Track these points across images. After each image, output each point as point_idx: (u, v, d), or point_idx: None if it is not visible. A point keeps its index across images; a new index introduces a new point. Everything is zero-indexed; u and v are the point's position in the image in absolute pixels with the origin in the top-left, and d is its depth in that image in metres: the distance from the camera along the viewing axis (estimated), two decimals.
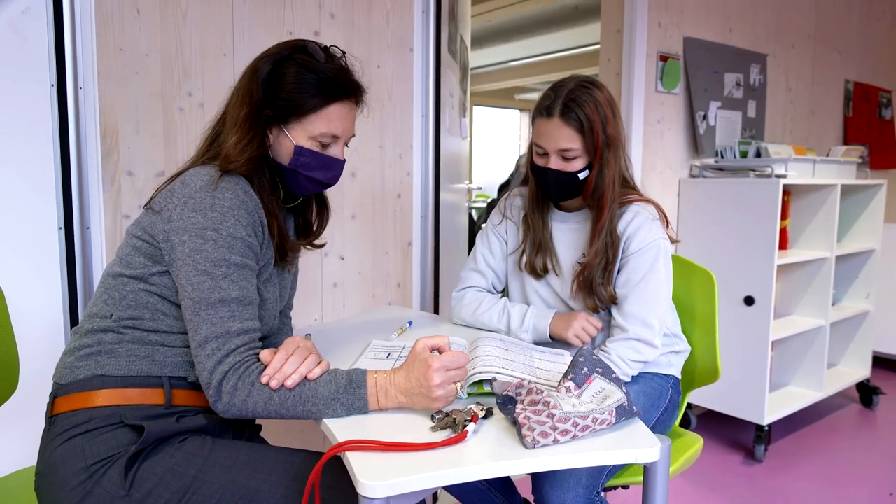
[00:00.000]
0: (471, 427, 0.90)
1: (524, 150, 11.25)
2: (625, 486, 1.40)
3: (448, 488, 1.47)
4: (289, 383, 0.96)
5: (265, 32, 1.70)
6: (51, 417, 1.00)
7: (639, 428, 0.95)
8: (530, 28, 6.64)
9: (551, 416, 0.88)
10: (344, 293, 1.92)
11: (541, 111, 1.38)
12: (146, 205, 1.11)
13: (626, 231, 1.39)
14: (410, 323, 1.52)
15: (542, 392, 0.91)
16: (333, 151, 1.16)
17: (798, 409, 2.84)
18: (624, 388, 0.96)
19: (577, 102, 1.33)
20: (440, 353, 0.99)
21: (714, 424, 2.93)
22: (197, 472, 0.95)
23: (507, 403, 0.94)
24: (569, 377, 0.97)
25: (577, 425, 0.89)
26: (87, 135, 1.47)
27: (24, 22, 1.39)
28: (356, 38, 1.86)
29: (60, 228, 1.46)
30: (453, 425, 0.92)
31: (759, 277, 2.58)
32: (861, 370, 3.25)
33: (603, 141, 1.35)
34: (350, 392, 0.97)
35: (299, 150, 1.12)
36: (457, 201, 2.50)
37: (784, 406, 2.74)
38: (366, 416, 0.98)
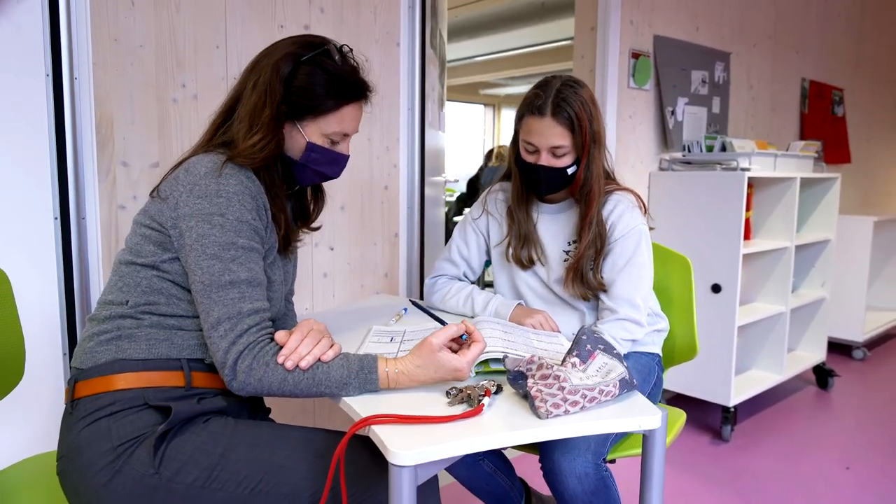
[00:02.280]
0: (486, 401, 0.96)
1: (490, 144, 11.29)
2: (611, 461, 1.47)
3: (455, 475, 1.53)
4: (303, 364, 1.00)
5: (257, 25, 1.72)
6: (73, 401, 1.02)
7: (639, 399, 1.02)
8: (496, 24, 6.71)
9: (562, 388, 0.94)
10: (333, 283, 1.96)
11: (531, 110, 1.43)
12: (152, 193, 1.13)
13: (609, 219, 1.47)
14: (406, 310, 1.57)
15: (552, 367, 0.97)
16: (341, 147, 1.20)
17: (760, 392, 2.98)
18: (624, 363, 1.03)
19: (566, 101, 1.40)
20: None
21: (683, 407, 3.05)
22: (223, 450, 0.99)
23: (518, 378, 1.00)
24: (574, 354, 1.03)
25: (586, 397, 0.95)
26: (82, 125, 1.47)
27: (19, 12, 1.39)
28: (345, 32, 1.89)
29: (56, 219, 1.47)
30: (468, 400, 0.98)
31: (725, 266, 2.70)
32: (817, 354, 3.43)
33: (590, 137, 1.41)
34: (362, 377, 1.02)
35: (311, 147, 1.16)
36: (435, 195, 2.55)
37: (748, 388, 2.88)
38: (383, 395, 1.02)
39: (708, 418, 2.92)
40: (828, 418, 2.99)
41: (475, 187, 5.67)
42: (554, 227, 1.55)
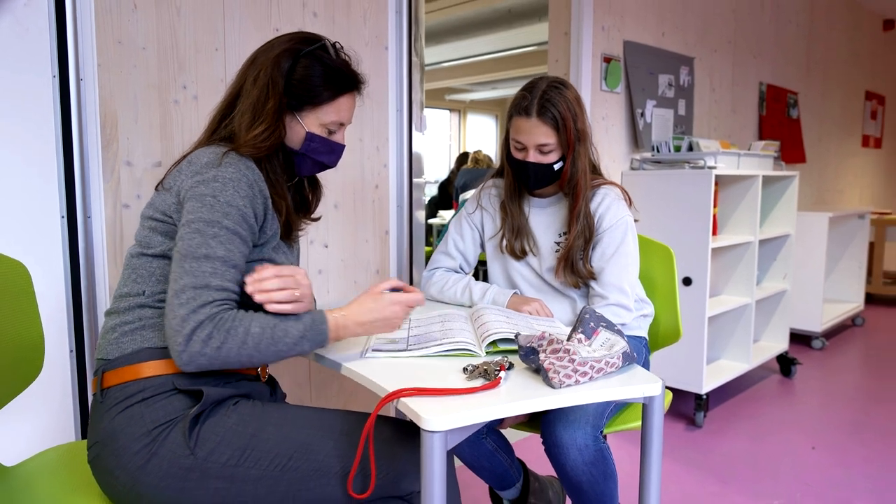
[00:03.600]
0: (502, 374, 1.04)
1: (457, 150, 11.36)
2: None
3: (459, 454, 1.59)
4: (258, 298, 1.04)
5: (254, 29, 1.77)
6: (103, 391, 1.06)
7: (639, 371, 1.11)
8: (464, 30, 6.81)
9: (572, 360, 1.03)
10: (328, 279, 2.01)
11: (519, 111, 1.52)
12: (157, 186, 1.18)
13: (598, 211, 1.56)
14: None
15: (562, 342, 1.05)
16: (337, 137, 1.26)
17: (729, 380, 3.13)
18: (625, 338, 1.12)
19: (551, 102, 1.49)
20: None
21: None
22: (254, 430, 1.04)
23: (530, 354, 1.08)
24: (579, 331, 1.12)
25: (594, 367, 1.04)
26: (87, 125, 1.50)
27: (27, 14, 1.42)
28: (336, 35, 1.95)
29: (63, 217, 1.49)
30: (485, 375, 1.05)
31: (695, 260, 2.84)
32: (781, 344, 3.60)
33: (574, 135, 1.51)
34: (314, 329, 1.07)
35: (310, 137, 1.22)
36: (418, 196, 2.62)
37: (718, 377, 3.02)
38: (405, 374, 1.09)
39: (682, 406, 3.05)
40: (792, 403, 3.15)
41: (447, 191, 5.75)
42: (545, 219, 1.63)
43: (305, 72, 1.18)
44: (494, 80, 9.05)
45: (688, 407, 3.03)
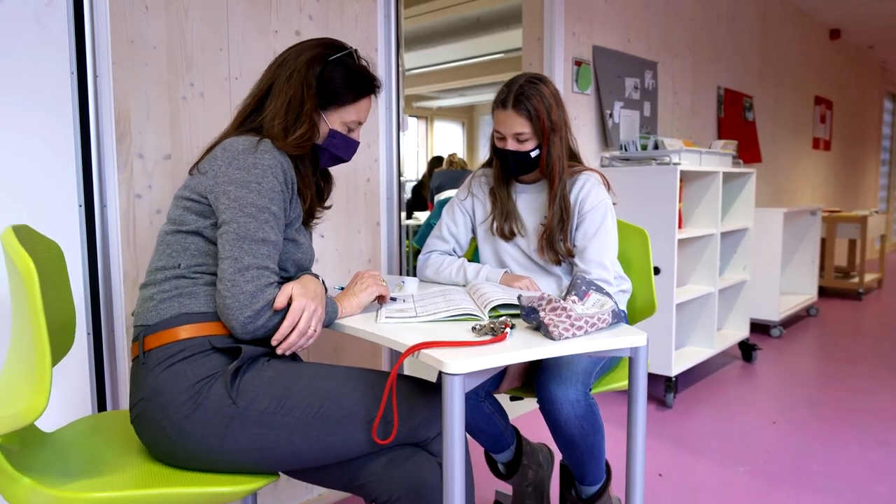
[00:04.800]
0: (508, 330, 1.17)
1: (425, 156, 11.51)
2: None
3: None
4: (282, 348, 1.20)
5: (255, 30, 1.88)
6: (145, 353, 1.16)
7: (626, 327, 1.26)
8: (432, 38, 6.98)
9: (569, 316, 1.17)
10: (324, 268, 2.12)
11: (497, 104, 1.68)
12: (191, 170, 1.29)
13: (580, 195, 1.71)
14: (404, 281, 1.76)
15: (559, 301, 1.19)
16: (355, 135, 1.40)
17: (696, 364, 3.32)
18: (613, 299, 1.26)
19: (525, 95, 1.64)
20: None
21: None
22: (288, 382, 1.15)
23: (531, 313, 1.22)
24: (572, 294, 1.26)
25: (588, 322, 1.18)
26: (103, 120, 1.59)
27: (47, 14, 1.51)
28: (330, 36, 2.06)
29: (81, 206, 1.58)
30: (492, 331, 1.18)
31: (663, 251, 3.02)
32: (742, 331, 3.82)
33: (548, 126, 1.66)
34: (330, 308, 1.28)
35: (333, 133, 1.35)
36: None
37: (685, 361, 3.20)
38: (421, 331, 1.21)
39: (653, 390, 3.22)
40: (754, 385, 3.36)
41: (420, 194, 5.89)
42: (531, 203, 1.78)
43: (333, 76, 1.32)
44: (462, 87, 9.24)
45: (658, 390, 3.21)
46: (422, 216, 5.44)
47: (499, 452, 1.76)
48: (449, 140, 11.72)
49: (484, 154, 10.05)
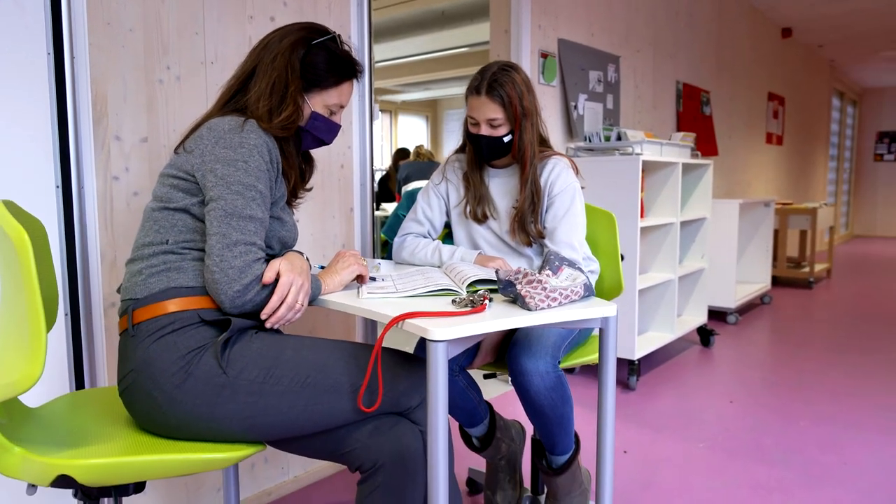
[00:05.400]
0: (487, 302, 1.23)
1: (389, 149, 11.49)
2: (570, 371, 1.78)
3: None
4: (272, 321, 1.24)
5: (230, 15, 1.89)
6: (134, 326, 1.18)
7: (596, 300, 1.33)
8: (397, 31, 6.99)
9: (544, 288, 1.23)
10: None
11: (472, 90, 1.74)
12: (176, 149, 1.31)
13: (549, 178, 1.78)
14: (380, 264, 1.81)
15: (535, 275, 1.25)
16: (336, 118, 1.44)
17: (657, 349, 3.44)
18: (585, 272, 1.33)
19: (498, 82, 1.71)
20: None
21: (595, 368, 3.47)
22: (276, 353, 1.19)
23: (508, 286, 1.28)
24: (546, 269, 1.32)
25: (562, 294, 1.25)
26: (80, 101, 1.60)
27: None
28: None
29: (58, 187, 1.58)
30: (472, 304, 1.24)
31: (627, 238, 3.13)
32: (700, 318, 3.96)
33: (520, 112, 1.73)
34: (315, 285, 1.32)
35: (315, 116, 1.39)
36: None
37: (648, 346, 3.32)
38: (404, 303, 1.26)
39: (617, 374, 3.32)
40: (712, 367, 3.50)
41: (387, 186, 5.92)
42: (503, 188, 1.84)
43: (316, 59, 1.35)
44: (426, 80, 9.27)
45: (622, 373, 3.32)
46: (389, 207, 5.48)
47: (473, 427, 1.83)
48: (413, 134, 11.74)
49: (448, 147, 10.12)
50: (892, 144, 11.38)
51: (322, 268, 1.51)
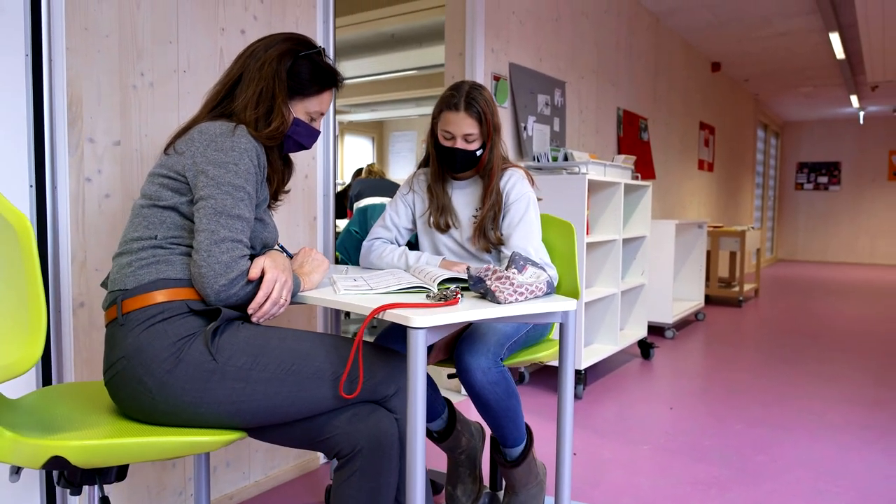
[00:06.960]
0: (459, 296, 1.33)
1: (341, 168, 11.40)
2: (521, 377, 1.89)
3: None
4: (259, 315, 1.31)
5: (203, 27, 1.95)
6: (123, 315, 1.22)
7: (557, 297, 1.44)
8: (346, 52, 7.09)
9: (512, 284, 1.34)
10: None
11: (449, 106, 1.85)
12: (166, 150, 1.37)
13: (506, 188, 1.90)
14: (347, 269, 1.88)
15: (503, 272, 1.36)
16: (316, 124, 1.52)
17: (601, 359, 3.60)
18: (547, 272, 1.45)
19: (474, 99, 1.83)
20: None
21: (544, 377, 3.60)
22: (263, 341, 1.25)
23: (478, 283, 1.38)
24: (512, 267, 1.43)
25: (528, 290, 1.35)
26: (55, 103, 1.62)
27: None
28: None
29: (32, 187, 1.60)
30: (445, 298, 1.33)
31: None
32: (641, 331, 4.16)
33: (493, 128, 1.85)
34: (296, 284, 1.39)
35: (297, 122, 1.46)
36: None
37: (593, 356, 3.48)
38: (383, 297, 1.34)
39: None
40: (652, 378, 3.69)
41: (341, 202, 5.95)
42: (464, 198, 1.95)
43: (300, 68, 1.43)
44: (373, 101, 9.38)
45: None
46: (341, 224, 5.51)
47: (432, 420, 1.91)
48: (359, 154, 11.80)
49: (395, 168, 10.10)
50: (810, 174, 12.17)
51: (283, 248, 1.57)
